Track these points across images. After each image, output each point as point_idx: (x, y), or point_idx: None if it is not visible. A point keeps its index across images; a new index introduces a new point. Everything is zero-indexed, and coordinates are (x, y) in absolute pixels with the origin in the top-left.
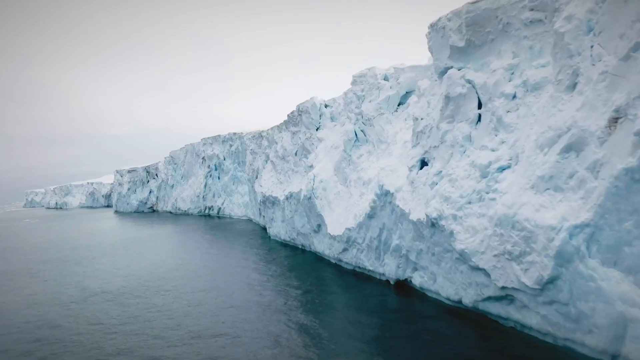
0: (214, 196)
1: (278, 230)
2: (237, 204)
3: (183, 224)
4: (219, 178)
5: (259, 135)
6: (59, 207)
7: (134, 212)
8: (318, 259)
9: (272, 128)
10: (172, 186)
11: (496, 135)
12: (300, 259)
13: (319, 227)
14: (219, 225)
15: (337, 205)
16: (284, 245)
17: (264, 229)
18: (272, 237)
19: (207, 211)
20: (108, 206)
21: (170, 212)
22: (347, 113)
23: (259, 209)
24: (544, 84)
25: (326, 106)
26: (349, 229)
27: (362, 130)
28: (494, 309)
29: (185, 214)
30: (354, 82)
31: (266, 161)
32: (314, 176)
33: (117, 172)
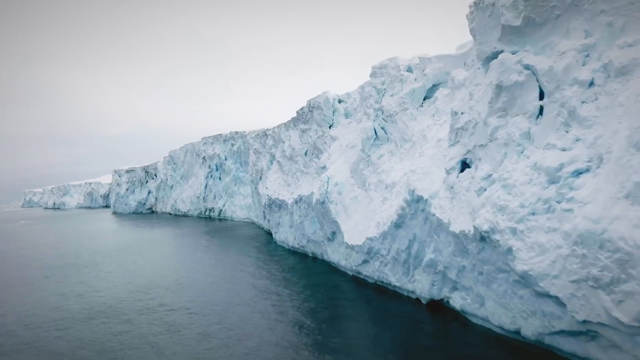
0: (214, 197)
1: (285, 236)
2: (239, 206)
3: (183, 227)
4: (220, 179)
5: (263, 134)
6: (56, 207)
7: (133, 213)
8: (332, 269)
9: (278, 126)
10: (172, 187)
11: (567, 132)
12: (313, 270)
13: (334, 235)
14: (220, 228)
15: (354, 211)
16: (292, 252)
17: (269, 233)
18: (278, 243)
19: (207, 213)
20: (106, 207)
21: (170, 214)
22: (365, 109)
23: (263, 212)
24: (633, 67)
25: (340, 101)
26: (371, 239)
27: (382, 128)
28: (567, 345)
29: (185, 216)
30: (373, 74)
31: (271, 161)
32: (328, 178)
33: (115, 172)
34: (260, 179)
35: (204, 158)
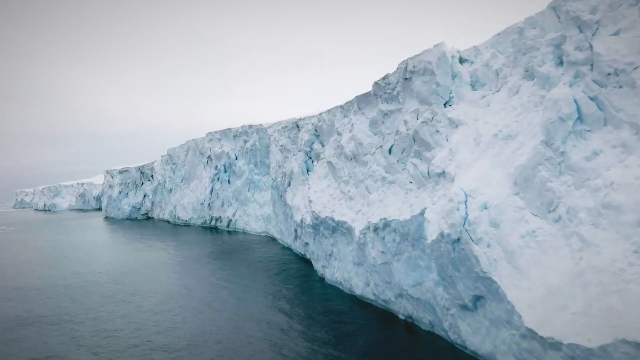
0: (222, 205)
1: (346, 275)
2: (253, 217)
3: (186, 244)
4: (229, 182)
5: (293, 126)
6: (47, 209)
7: (126, 218)
8: None
9: (328, 111)
10: (170, 190)
11: None
12: None
13: (478, 302)
14: (233, 247)
15: (532, 263)
16: (361, 305)
17: (303, 259)
18: (329, 282)
19: (213, 222)
20: (99, 209)
21: (168, 222)
22: (529, 66)
23: (295, 231)
24: None
25: (462, 61)
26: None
27: (592, 99)
28: None
29: (187, 225)
30: None
31: (306, 162)
32: (466, 196)
33: (107, 172)
34: (289, 185)
35: (209, 157)
